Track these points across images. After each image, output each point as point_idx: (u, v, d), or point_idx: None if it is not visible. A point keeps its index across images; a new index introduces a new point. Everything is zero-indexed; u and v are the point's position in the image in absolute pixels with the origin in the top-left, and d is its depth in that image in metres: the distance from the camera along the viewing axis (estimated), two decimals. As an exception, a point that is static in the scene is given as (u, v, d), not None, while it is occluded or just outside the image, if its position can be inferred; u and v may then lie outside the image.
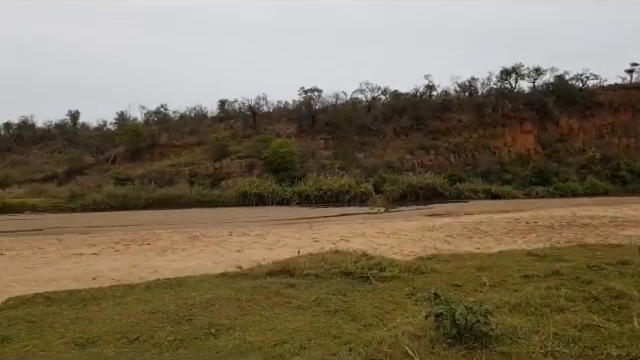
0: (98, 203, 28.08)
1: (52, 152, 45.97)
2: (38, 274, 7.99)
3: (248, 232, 13.74)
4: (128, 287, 6.02)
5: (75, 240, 12.84)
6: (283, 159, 33.72)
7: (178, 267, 8.27)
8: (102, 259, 9.43)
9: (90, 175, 38.68)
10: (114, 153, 42.11)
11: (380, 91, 44.35)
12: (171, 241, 12.01)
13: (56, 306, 5.17)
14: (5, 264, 9.07)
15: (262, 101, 46.02)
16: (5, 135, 50.11)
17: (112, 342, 3.99)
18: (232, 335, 4.07)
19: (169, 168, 36.36)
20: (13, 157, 45.84)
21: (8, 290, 6.75)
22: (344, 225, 15.52)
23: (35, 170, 41.90)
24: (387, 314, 4.63)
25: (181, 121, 48.71)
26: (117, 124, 49.95)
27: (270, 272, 6.33)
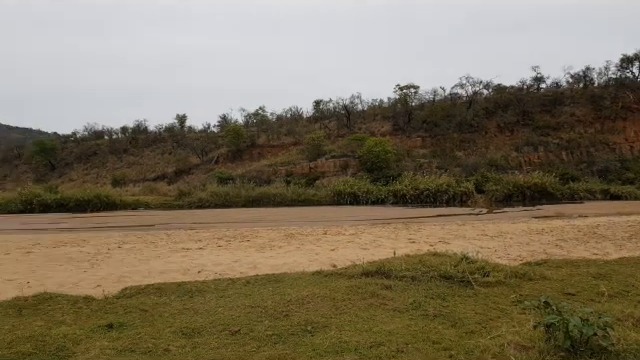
0: (203, 201, 30.12)
1: (162, 153, 50.20)
2: (150, 266, 8.73)
3: (342, 231, 13.84)
4: (230, 281, 6.36)
5: (182, 235, 13.87)
6: (378, 158, 33.52)
7: (275, 263, 8.56)
8: (206, 254, 10.07)
9: (196, 174, 41.69)
10: (217, 154, 44.89)
11: (482, 85, 42.25)
12: (269, 238, 12.48)
13: (166, 297, 5.61)
14: (122, 256, 10.05)
15: (356, 100, 46.18)
16: (122, 138, 55.68)
17: (215, 333, 4.23)
18: (328, 334, 4.11)
19: (267, 168, 37.91)
20: (129, 158, 50.81)
21: (124, 280, 7.46)
22: (442, 226, 15.01)
23: (148, 170, 46.12)
24: (491, 321, 4.38)
25: (278, 122, 50.60)
26: (220, 126, 53.19)
27: (365, 272, 6.30)
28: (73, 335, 4.17)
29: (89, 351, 3.83)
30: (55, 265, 9.04)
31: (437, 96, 43.41)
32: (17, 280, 7.62)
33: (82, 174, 49.18)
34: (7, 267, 8.90)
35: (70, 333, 4.21)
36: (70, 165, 52.01)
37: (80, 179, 47.10)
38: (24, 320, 4.73)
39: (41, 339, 4.04)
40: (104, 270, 8.42)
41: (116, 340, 4.09)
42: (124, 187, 38.05)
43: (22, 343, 3.96)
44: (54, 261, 9.54)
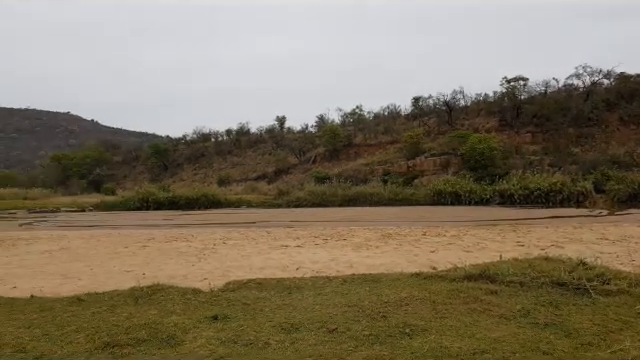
0: (300, 200, 31.01)
1: (263, 154, 52.52)
2: (251, 262, 9.17)
3: (443, 232, 13.41)
4: (327, 279, 6.46)
5: (281, 233, 14.38)
6: (482, 156, 32.00)
7: (372, 263, 8.53)
8: (304, 251, 10.34)
9: (294, 174, 43.04)
10: (314, 154, 45.94)
11: (602, 74, 38.38)
12: (365, 238, 12.48)
13: (266, 292, 5.84)
14: (227, 251, 10.68)
15: (459, 95, 44.41)
16: (227, 140, 59.20)
17: (313, 330, 4.32)
18: (427, 337, 4.00)
19: (363, 167, 37.98)
20: (233, 159, 53.88)
21: (228, 274, 7.91)
22: (555, 229, 13.91)
23: (250, 170, 48.53)
24: (611, 334, 3.96)
25: (375, 121, 50.45)
26: (317, 127, 54.38)
27: (468, 276, 6.04)
28: (182, 324, 4.50)
29: (196, 340, 4.11)
30: (167, 258, 9.86)
31: (549, 88, 40.29)
32: (134, 271, 8.42)
33: (191, 174, 53.16)
34: (126, 259, 9.89)
35: (180, 322, 4.56)
36: (180, 166, 56.49)
37: (189, 179, 50.96)
38: (140, 309, 5.20)
39: (154, 327, 4.42)
40: (210, 264, 9.01)
41: (220, 331, 4.34)
42: (228, 186, 40.41)
43: (138, 330, 4.35)
44: (166, 255, 10.40)
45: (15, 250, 11.93)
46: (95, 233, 16.03)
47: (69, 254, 10.87)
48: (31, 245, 12.89)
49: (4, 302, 5.81)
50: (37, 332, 4.44)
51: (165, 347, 4.00)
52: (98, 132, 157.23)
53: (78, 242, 13.15)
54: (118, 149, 67.56)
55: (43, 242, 13.45)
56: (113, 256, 10.36)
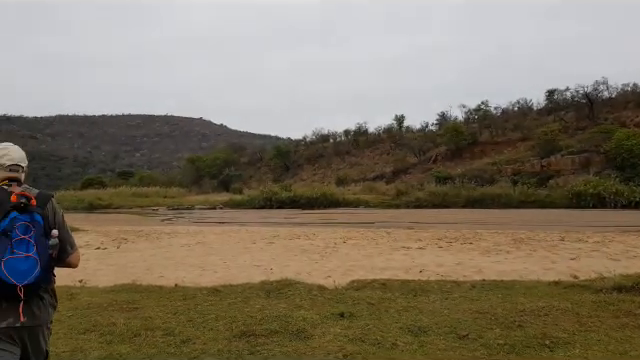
0: (420, 200, 30.42)
1: (381, 154, 52.57)
2: (373, 262, 9.23)
3: (584, 238, 12.22)
4: (454, 284, 6.27)
5: (402, 234, 14.25)
6: (630, 153, 28.57)
7: (503, 269, 8.08)
8: (427, 254, 10.14)
9: (413, 174, 42.38)
10: (435, 153, 44.78)
11: None
12: (494, 242, 11.86)
13: (390, 293, 5.84)
14: (348, 250, 10.88)
15: (601, 86, 40.08)
16: (345, 140, 60.28)
17: (442, 335, 4.23)
18: (571, 351, 3.70)
19: (490, 166, 36.09)
20: (351, 159, 54.71)
21: (350, 273, 8.05)
22: None
23: (368, 170, 48.84)
24: None
25: (503, 117, 47.59)
26: (438, 125, 52.91)
27: (618, 287, 5.45)
28: (311, 319, 4.70)
29: (325, 335, 4.26)
30: (291, 255, 10.33)
31: None
32: (263, 266, 8.96)
33: (311, 174, 55.11)
34: (254, 254, 10.56)
35: (308, 317, 4.76)
36: (301, 166, 58.88)
37: (309, 179, 52.85)
38: (271, 302, 5.53)
39: (285, 320, 4.67)
40: (332, 262, 9.25)
41: (347, 328, 4.45)
42: (346, 186, 41.09)
43: (270, 322, 4.64)
44: (290, 251, 10.91)
45: (159, 243, 13.39)
46: (226, 229, 17.37)
47: (205, 248, 11.91)
48: (172, 239, 14.38)
49: (153, 289, 6.55)
50: (182, 318, 4.95)
51: (296, 340, 4.21)
52: (227, 135, 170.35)
53: (212, 237, 14.36)
54: (244, 151, 72.42)
55: (182, 236, 14.92)
56: (243, 251, 11.13)
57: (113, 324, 4.67)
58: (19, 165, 2.22)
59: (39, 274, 1.94)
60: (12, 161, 2.19)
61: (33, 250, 1.94)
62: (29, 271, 1.91)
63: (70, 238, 2.20)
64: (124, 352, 3.93)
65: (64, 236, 2.15)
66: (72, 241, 2.21)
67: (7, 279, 1.87)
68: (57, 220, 2.16)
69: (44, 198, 2.14)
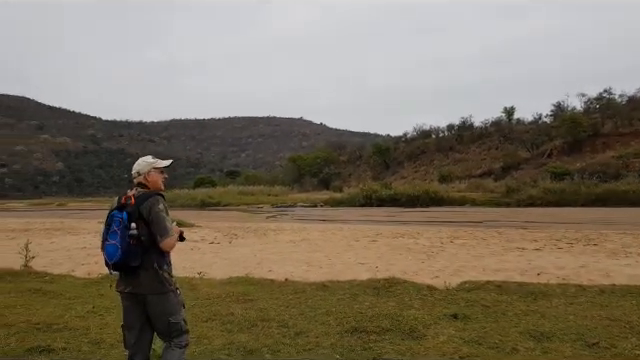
0: (534, 198, 28.55)
1: (488, 149, 50.15)
2: (484, 263, 8.85)
3: None
4: (579, 288, 5.83)
5: (514, 234, 13.50)
6: None
7: (635, 273, 7.33)
8: (544, 255, 9.51)
9: (525, 170, 39.87)
10: (550, 147, 41.77)
11: None
12: (622, 243, 10.81)
13: (507, 295, 5.58)
14: (455, 251, 10.55)
15: None
16: (448, 136, 58.41)
17: (568, 341, 3.96)
18: None
19: (614, 160, 32.88)
20: (455, 155, 52.88)
21: (460, 274, 7.80)
22: None
23: (473, 166, 46.89)
24: None
25: (629, 105, 42.98)
26: (553, 116, 49.23)
27: None
28: (422, 319, 4.64)
29: (438, 336, 4.19)
30: (396, 254, 10.26)
31: None
32: (368, 264, 9.01)
33: (411, 171, 54.21)
34: (358, 252, 10.64)
35: (420, 317, 4.71)
36: (401, 164, 58.13)
37: (410, 176, 52.02)
38: (379, 300, 5.56)
39: (396, 318, 4.66)
40: (440, 262, 9.04)
41: (462, 330, 4.33)
42: (450, 184, 39.82)
43: (381, 319, 4.66)
44: (395, 250, 10.84)
45: (266, 239, 14.02)
46: (329, 227, 17.71)
47: (309, 245, 12.26)
48: (278, 235, 14.98)
49: (265, 283, 6.89)
50: (294, 311, 5.15)
51: (408, 339, 4.19)
52: (326, 134, 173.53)
53: (316, 234, 14.73)
54: (344, 149, 73.24)
55: (287, 233, 15.49)
56: (347, 248, 11.28)
57: (231, 314, 5.00)
58: (136, 171, 2.91)
59: (120, 256, 2.60)
60: (133, 170, 2.92)
61: (117, 239, 2.62)
62: (114, 254, 2.62)
63: (160, 230, 2.69)
64: (243, 341, 4.19)
65: (154, 228, 2.69)
66: (162, 232, 2.69)
67: (106, 258, 2.67)
68: (151, 215, 2.70)
69: (141, 198, 2.74)
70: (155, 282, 2.73)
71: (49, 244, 12.86)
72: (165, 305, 2.76)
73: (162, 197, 2.82)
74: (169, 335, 2.79)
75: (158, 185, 2.91)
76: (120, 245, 2.62)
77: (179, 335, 2.81)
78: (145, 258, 2.68)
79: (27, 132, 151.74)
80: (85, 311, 5.13)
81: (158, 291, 2.74)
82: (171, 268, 2.86)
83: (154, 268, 2.72)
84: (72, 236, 15.63)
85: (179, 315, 2.81)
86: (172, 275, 2.85)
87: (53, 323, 4.56)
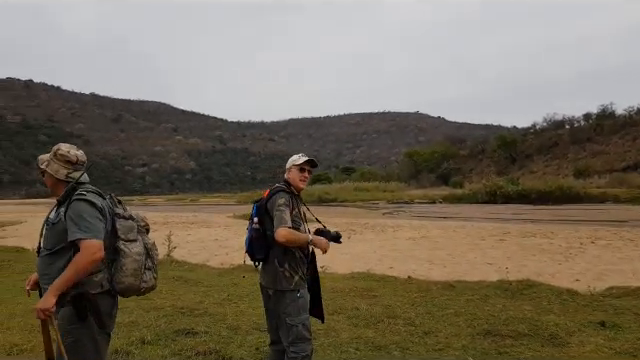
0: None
1: (634, 140, 44.79)
2: (634, 267, 7.96)
3: None
4: None
5: (670, 236, 11.93)
6: None
7: None
8: None
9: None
10: None
11: None
12: None
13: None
14: (598, 252, 9.60)
15: None
16: (585, 126, 53.24)
17: None
18: None
19: None
20: (593, 147, 48.02)
21: (604, 278, 7.11)
22: None
23: (616, 159, 42.21)
24: None
25: None
26: None
27: None
28: (564, 325, 4.29)
29: (584, 345, 3.84)
30: (528, 254, 9.62)
31: None
32: (496, 264, 8.57)
33: (542, 166, 50.33)
34: (485, 251, 10.16)
35: (561, 323, 4.35)
36: (530, 157, 54.24)
37: (540, 171, 48.36)
38: (513, 302, 5.25)
39: (533, 323, 4.36)
40: (579, 265, 8.30)
41: (612, 340, 3.93)
42: (587, 179, 36.33)
43: (517, 323, 4.39)
44: (526, 250, 10.17)
45: (384, 235, 13.99)
46: (449, 224, 17.17)
47: (430, 242, 11.99)
48: (396, 232, 14.87)
49: (388, 279, 6.87)
50: (421, 310, 5.06)
51: (548, 345, 3.90)
52: (444, 128, 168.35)
53: (436, 232, 14.37)
54: (464, 143, 70.37)
55: (406, 230, 15.30)
56: (472, 247, 10.84)
57: (356, 309, 5.06)
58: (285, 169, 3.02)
59: (247, 247, 2.85)
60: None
61: (249, 230, 2.86)
62: (246, 245, 2.87)
63: (276, 222, 2.69)
64: (370, 336, 4.21)
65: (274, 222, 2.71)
66: (275, 223, 2.69)
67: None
68: (273, 209, 2.74)
69: (271, 193, 2.83)
70: (274, 278, 2.74)
71: (186, 236, 14.12)
72: (281, 303, 2.72)
73: (287, 193, 2.80)
74: (287, 338, 2.70)
75: (296, 183, 2.90)
76: (248, 237, 2.83)
77: (297, 342, 2.68)
78: (270, 252, 2.76)
79: (164, 134, 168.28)
80: (221, 298, 5.54)
81: (276, 287, 2.73)
82: (296, 268, 2.77)
83: (275, 264, 2.73)
84: (205, 229, 17.02)
85: (297, 318, 2.70)
86: (296, 275, 2.75)
87: (195, 308, 4.99)
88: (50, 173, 2.26)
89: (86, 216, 2.11)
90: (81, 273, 2.06)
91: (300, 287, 2.77)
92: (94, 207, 2.15)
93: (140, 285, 2.25)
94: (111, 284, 2.20)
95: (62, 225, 2.13)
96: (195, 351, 3.72)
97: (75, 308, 2.09)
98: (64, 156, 2.26)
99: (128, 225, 2.27)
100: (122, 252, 2.20)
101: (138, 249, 2.25)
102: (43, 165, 2.27)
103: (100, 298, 2.17)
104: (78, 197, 2.15)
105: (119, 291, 2.23)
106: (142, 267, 2.25)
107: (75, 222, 2.09)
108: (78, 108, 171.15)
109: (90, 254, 2.04)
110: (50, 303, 2.02)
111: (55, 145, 2.32)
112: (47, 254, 2.18)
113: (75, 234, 2.07)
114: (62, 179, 2.26)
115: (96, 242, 2.07)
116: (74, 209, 2.12)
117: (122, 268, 2.19)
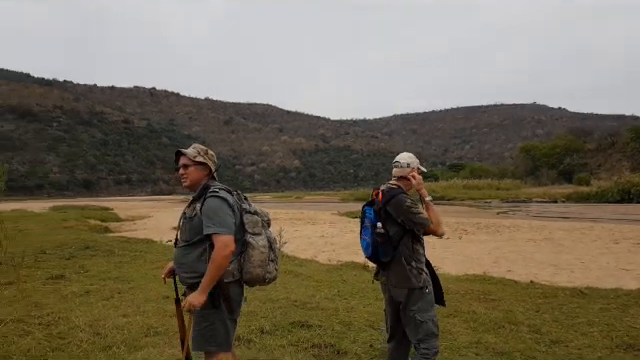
0: None
1: None
2: None
3: None
4: None
5: None
6: None
7: None
8: None
9: None
10: None
11: None
12: None
13: None
14: None
15: None
16: None
17: None
18: None
19: None
20: None
21: None
22: None
23: None
24: None
25: None
26: None
27: None
28: None
29: None
30: (674, 261, 8.57)
31: None
32: (635, 271, 7.77)
33: (685, 161, 44.60)
34: (620, 256, 9.22)
35: None
36: (670, 151, 48.31)
37: (683, 167, 42.89)
38: None
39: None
40: None
41: None
42: None
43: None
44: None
45: (500, 236, 13.29)
46: (576, 225, 15.84)
47: (553, 245, 11.16)
48: (513, 232, 14.06)
49: (507, 283, 6.50)
50: (547, 317, 4.70)
51: None
52: (566, 119, 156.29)
53: (560, 233, 13.34)
54: (590, 136, 64.62)
55: (524, 231, 14.40)
56: (604, 251, 9.90)
57: (474, 312, 4.84)
58: (397, 161, 2.95)
59: (371, 252, 2.79)
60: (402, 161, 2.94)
61: (368, 234, 2.80)
62: (366, 249, 2.83)
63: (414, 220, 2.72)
64: (491, 341, 4.00)
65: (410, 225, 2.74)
66: (419, 221, 2.72)
67: (363, 252, 2.88)
68: (400, 213, 2.73)
69: (388, 195, 2.79)
70: (402, 277, 2.75)
71: (293, 232, 14.58)
72: (412, 300, 2.74)
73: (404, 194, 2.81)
74: (416, 335, 2.74)
75: (410, 185, 2.90)
76: (370, 242, 2.78)
77: (427, 339, 2.72)
78: (395, 253, 2.75)
79: (271, 134, 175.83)
80: (332, 294, 5.61)
81: (405, 286, 2.75)
82: (423, 265, 2.82)
83: (402, 263, 2.74)
84: (311, 226, 17.46)
85: (426, 314, 2.75)
86: (423, 271, 2.79)
87: (307, 302, 5.11)
88: (197, 170, 2.47)
89: (219, 212, 2.31)
90: (221, 268, 2.27)
91: (427, 284, 2.80)
92: (226, 204, 2.35)
93: (265, 276, 2.42)
94: (240, 274, 2.40)
95: (198, 220, 2.35)
96: (311, 343, 3.81)
97: (210, 295, 2.28)
98: (213, 156, 2.54)
99: (254, 219, 2.45)
100: (250, 245, 2.39)
101: (263, 242, 2.43)
102: (196, 159, 2.46)
103: (231, 287, 2.37)
104: (212, 194, 2.36)
105: (247, 280, 2.42)
106: (267, 259, 2.42)
107: (209, 217, 2.30)
108: (195, 112, 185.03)
109: (224, 248, 2.25)
110: (201, 301, 2.24)
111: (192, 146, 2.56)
112: (184, 245, 2.42)
113: (210, 228, 2.28)
114: (205, 176, 2.49)
115: (228, 237, 2.28)
116: (208, 205, 2.34)
117: (250, 259, 2.38)
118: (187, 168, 2.47)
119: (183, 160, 2.49)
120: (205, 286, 2.24)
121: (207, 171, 2.50)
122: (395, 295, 2.81)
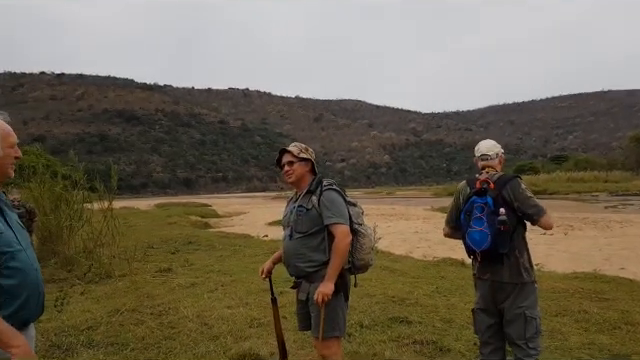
0: None
1: None
2: None
3: None
4: None
5: None
6: None
7: None
8: None
9: None
10: None
11: None
12: None
13: None
14: None
15: None
16: None
17: None
18: None
19: None
20: None
21: None
22: None
23: None
24: None
25: None
26: None
27: None
28: None
29: None
30: None
31: None
32: None
33: None
34: None
35: None
36: None
37: None
38: None
39: None
40: None
41: None
42: None
43: None
44: None
45: (610, 232, 12.30)
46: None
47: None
48: (626, 228, 12.95)
49: (621, 282, 6.00)
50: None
51: None
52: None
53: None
54: None
55: (638, 226, 13.21)
56: None
57: (585, 312, 4.55)
58: (486, 154, 2.82)
59: (490, 243, 2.53)
60: (480, 152, 2.84)
61: (484, 225, 2.55)
62: (481, 241, 2.56)
63: (530, 209, 2.58)
64: (605, 343, 3.73)
65: (525, 210, 2.58)
66: (534, 210, 2.58)
67: (470, 246, 2.63)
68: (517, 197, 2.59)
69: (501, 181, 2.64)
70: (515, 271, 2.60)
71: (386, 227, 14.51)
72: (522, 296, 2.60)
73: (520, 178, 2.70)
74: (522, 334, 2.58)
75: (499, 169, 2.82)
76: (489, 232, 2.54)
77: (535, 337, 2.58)
78: (510, 245, 2.57)
79: (360, 130, 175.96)
80: (430, 290, 5.53)
81: (517, 280, 2.60)
82: (531, 258, 2.68)
83: (516, 256, 2.60)
84: (404, 221, 17.29)
85: (535, 311, 2.61)
86: (532, 265, 2.68)
87: (405, 298, 5.09)
88: (301, 165, 2.62)
89: (338, 204, 2.50)
90: (344, 257, 2.43)
91: (536, 278, 2.72)
92: (342, 196, 2.55)
93: (370, 262, 2.62)
94: (351, 262, 2.55)
95: (315, 211, 2.50)
96: (412, 339, 3.79)
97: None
98: (312, 152, 2.70)
99: (357, 211, 2.62)
100: (360, 233, 2.55)
101: (370, 230, 2.62)
102: (300, 155, 2.62)
103: (347, 274, 2.54)
104: (328, 187, 2.54)
105: (358, 267, 2.58)
106: (372, 246, 2.60)
107: (329, 209, 2.47)
108: (286, 111, 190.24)
109: (344, 237, 2.42)
110: (330, 289, 2.38)
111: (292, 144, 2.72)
112: (300, 237, 2.55)
113: (331, 219, 2.45)
114: (308, 172, 2.65)
115: (347, 227, 2.46)
116: (328, 197, 2.51)
117: (362, 247, 2.54)
118: (292, 165, 2.61)
119: (288, 157, 2.62)
120: (332, 274, 2.39)
121: (309, 166, 2.65)
122: (505, 291, 2.62)
